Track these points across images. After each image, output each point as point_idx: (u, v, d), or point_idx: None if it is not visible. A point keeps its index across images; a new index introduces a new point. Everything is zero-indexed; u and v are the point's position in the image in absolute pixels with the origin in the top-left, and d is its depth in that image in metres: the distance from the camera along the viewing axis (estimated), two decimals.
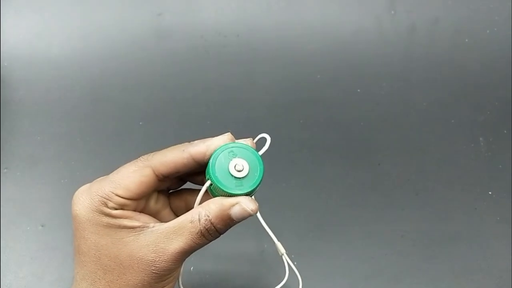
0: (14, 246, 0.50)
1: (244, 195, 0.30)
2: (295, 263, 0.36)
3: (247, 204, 0.30)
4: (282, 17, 0.67)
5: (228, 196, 0.30)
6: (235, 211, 0.30)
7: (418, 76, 0.65)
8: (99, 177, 0.32)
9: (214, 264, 0.48)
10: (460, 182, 0.55)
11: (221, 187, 0.30)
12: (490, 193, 0.54)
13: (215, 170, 0.30)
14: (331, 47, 0.66)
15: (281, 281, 0.38)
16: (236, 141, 0.32)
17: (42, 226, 0.52)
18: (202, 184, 0.32)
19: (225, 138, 0.31)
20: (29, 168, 0.56)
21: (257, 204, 0.31)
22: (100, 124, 0.60)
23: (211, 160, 0.30)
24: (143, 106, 0.62)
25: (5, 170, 0.56)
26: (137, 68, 0.64)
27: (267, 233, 0.34)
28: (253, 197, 0.32)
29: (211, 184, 0.30)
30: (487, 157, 0.57)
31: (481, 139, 0.59)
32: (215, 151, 0.30)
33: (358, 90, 0.63)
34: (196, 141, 0.31)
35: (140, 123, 0.60)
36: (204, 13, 0.66)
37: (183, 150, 0.31)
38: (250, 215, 0.30)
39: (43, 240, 0.51)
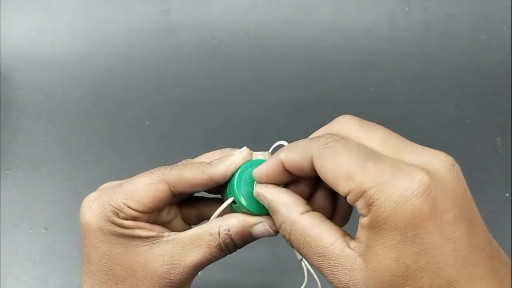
0: (16, 250, 0.50)
1: (267, 215, 0.31)
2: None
3: (271, 225, 0.30)
4: (292, 14, 0.67)
5: (250, 214, 0.30)
6: (257, 230, 0.30)
7: (433, 74, 0.64)
8: (101, 177, 0.32)
9: (221, 267, 0.47)
10: (476, 183, 0.53)
11: (246, 207, 0.30)
12: (507, 195, 0.54)
13: (240, 190, 0.30)
14: (343, 44, 0.65)
15: (294, 285, 0.37)
16: (254, 153, 0.32)
17: (45, 229, 0.51)
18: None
19: (244, 155, 0.31)
20: (32, 169, 0.56)
21: None
22: (105, 124, 0.60)
23: (235, 180, 0.30)
24: (149, 105, 0.61)
25: (7, 171, 0.56)
26: (143, 67, 0.64)
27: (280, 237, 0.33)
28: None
29: (233, 201, 0.30)
30: (504, 157, 0.57)
31: (498, 139, 0.58)
32: (238, 169, 0.31)
33: (371, 89, 0.63)
34: (214, 161, 0.31)
35: (146, 122, 0.60)
36: (212, 9, 0.66)
37: (203, 171, 0.30)
38: (271, 235, 0.30)
39: (46, 244, 0.51)
